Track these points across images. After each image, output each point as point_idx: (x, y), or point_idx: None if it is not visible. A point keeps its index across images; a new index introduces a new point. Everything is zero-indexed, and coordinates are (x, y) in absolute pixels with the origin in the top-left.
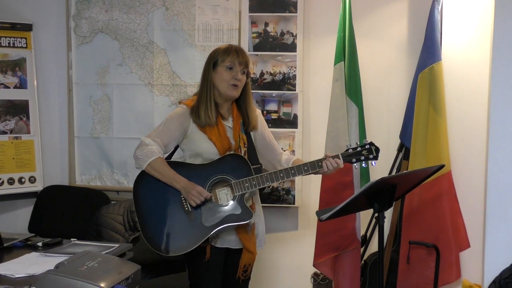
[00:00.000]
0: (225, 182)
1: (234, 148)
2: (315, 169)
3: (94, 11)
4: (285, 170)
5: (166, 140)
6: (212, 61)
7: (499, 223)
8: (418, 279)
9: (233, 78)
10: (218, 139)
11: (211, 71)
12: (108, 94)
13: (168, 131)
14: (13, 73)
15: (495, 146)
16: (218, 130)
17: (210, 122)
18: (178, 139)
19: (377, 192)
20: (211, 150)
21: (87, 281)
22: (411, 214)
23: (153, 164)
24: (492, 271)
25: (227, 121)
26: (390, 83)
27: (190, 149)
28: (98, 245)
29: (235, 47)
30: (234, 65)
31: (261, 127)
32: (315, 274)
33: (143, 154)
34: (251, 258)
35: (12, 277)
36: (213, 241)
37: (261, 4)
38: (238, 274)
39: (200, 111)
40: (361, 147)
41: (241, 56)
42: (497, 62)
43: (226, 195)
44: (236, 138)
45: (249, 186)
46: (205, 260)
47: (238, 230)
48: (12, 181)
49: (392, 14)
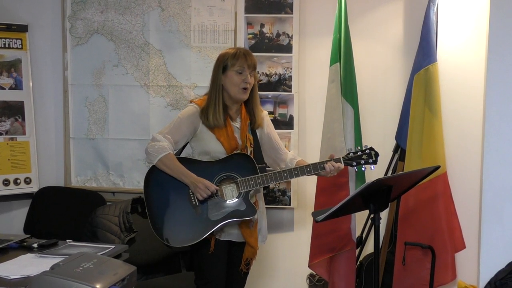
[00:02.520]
0: (231, 179)
1: (241, 147)
2: (317, 170)
3: (90, 12)
4: (288, 170)
5: (176, 138)
6: (222, 65)
7: (495, 224)
8: (413, 280)
9: (244, 82)
10: (226, 139)
11: (221, 75)
12: (104, 95)
13: (179, 129)
14: (9, 74)
15: (491, 147)
16: (227, 130)
17: (218, 124)
18: (188, 137)
19: (373, 193)
20: (219, 149)
21: (83, 282)
22: (406, 215)
23: (163, 159)
24: (488, 272)
25: (236, 122)
26: (386, 84)
27: (199, 147)
28: (93, 246)
29: (244, 51)
30: (243, 69)
31: (267, 127)
32: (310, 275)
33: (154, 149)
34: (253, 252)
35: (7, 278)
36: (218, 235)
37: (257, 5)
38: (241, 267)
39: (209, 114)
40: (361, 151)
41: (250, 60)
42: (492, 63)
43: (231, 191)
44: (243, 138)
45: (254, 184)
46: (209, 252)
47: (241, 225)
48: (8, 182)
49: (387, 15)
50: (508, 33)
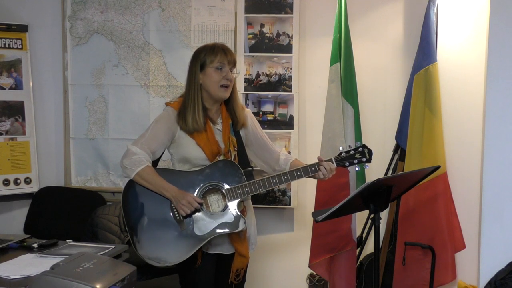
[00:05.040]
0: (216, 189)
1: (224, 151)
2: (308, 174)
3: (90, 12)
4: (277, 176)
5: (153, 147)
6: (199, 62)
7: (495, 224)
8: (413, 280)
9: (224, 79)
10: (207, 144)
11: (198, 73)
12: (104, 95)
13: (155, 137)
14: (9, 74)
15: (491, 147)
16: (207, 134)
17: (198, 127)
18: (166, 144)
19: (373, 193)
20: (200, 156)
21: (83, 282)
22: (406, 215)
23: (141, 173)
24: (488, 272)
25: (216, 124)
26: (386, 84)
27: (178, 154)
28: (93, 246)
29: (221, 46)
30: (223, 65)
31: (252, 125)
32: (311, 275)
33: (130, 163)
34: (244, 262)
35: (8, 278)
36: (205, 247)
37: (257, 5)
38: (231, 279)
39: (187, 117)
40: (354, 150)
41: (229, 55)
42: (492, 63)
43: (217, 201)
44: (225, 141)
45: (241, 193)
46: (195, 266)
47: (230, 235)
48: (8, 182)
49: (387, 15)
50: (508, 33)
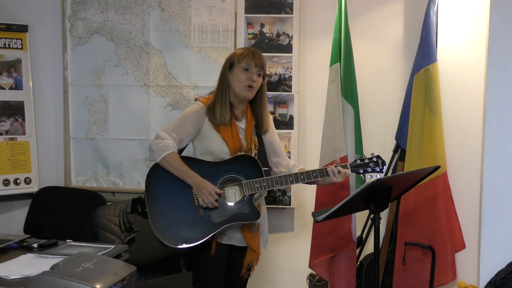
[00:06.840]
0: (235, 181)
1: (245, 149)
2: (323, 175)
3: (90, 12)
4: (294, 175)
5: (181, 136)
6: (229, 62)
7: (495, 224)
8: (413, 280)
9: (249, 79)
10: (231, 139)
11: (228, 72)
12: (104, 95)
13: (183, 127)
14: (9, 74)
15: (491, 147)
16: (231, 130)
17: (225, 120)
18: (192, 136)
19: (373, 193)
20: (223, 149)
21: (83, 282)
22: (406, 215)
23: (167, 158)
24: (488, 272)
25: (241, 122)
26: (386, 84)
27: (202, 147)
28: (93, 246)
29: (252, 50)
30: (250, 67)
31: (272, 132)
32: (311, 275)
33: (158, 147)
34: (255, 257)
35: (8, 278)
36: (219, 238)
37: (257, 5)
38: (242, 273)
39: (216, 110)
40: (369, 159)
41: (257, 58)
42: (492, 63)
43: (234, 194)
44: (248, 139)
45: (259, 187)
46: (210, 256)
47: (243, 228)
48: (8, 182)
49: (387, 15)
50: (508, 33)
